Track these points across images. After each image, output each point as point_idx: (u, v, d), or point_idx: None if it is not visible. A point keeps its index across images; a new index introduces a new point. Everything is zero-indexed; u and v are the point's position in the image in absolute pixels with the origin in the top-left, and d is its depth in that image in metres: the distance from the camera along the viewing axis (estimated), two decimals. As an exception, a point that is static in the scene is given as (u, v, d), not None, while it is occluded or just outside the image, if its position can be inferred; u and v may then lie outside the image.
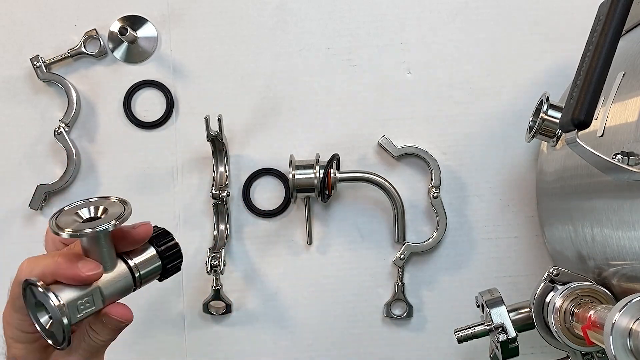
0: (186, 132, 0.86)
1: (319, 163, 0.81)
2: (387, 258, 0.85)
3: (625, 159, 0.52)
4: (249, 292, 0.85)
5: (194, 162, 0.86)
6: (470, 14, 0.86)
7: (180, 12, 0.86)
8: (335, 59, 0.86)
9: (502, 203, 0.85)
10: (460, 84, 0.85)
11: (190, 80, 0.86)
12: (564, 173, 0.69)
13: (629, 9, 0.53)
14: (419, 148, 0.84)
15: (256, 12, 0.86)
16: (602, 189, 0.60)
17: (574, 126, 0.52)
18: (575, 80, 0.54)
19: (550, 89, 0.73)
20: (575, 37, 0.75)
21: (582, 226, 0.64)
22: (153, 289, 0.85)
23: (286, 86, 0.86)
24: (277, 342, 0.85)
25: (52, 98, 0.85)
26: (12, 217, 0.85)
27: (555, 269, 0.66)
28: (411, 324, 0.85)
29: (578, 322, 0.60)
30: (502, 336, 0.67)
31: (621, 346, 0.48)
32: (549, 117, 0.69)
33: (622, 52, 0.58)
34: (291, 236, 0.86)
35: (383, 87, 0.85)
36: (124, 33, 0.83)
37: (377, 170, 0.84)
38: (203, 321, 0.85)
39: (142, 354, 0.85)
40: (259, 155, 0.86)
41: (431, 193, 0.83)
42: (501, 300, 0.69)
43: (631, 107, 0.57)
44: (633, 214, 0.55)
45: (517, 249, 0.84)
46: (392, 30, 0.86)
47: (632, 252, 0.56)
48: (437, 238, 0.83)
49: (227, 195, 0.83)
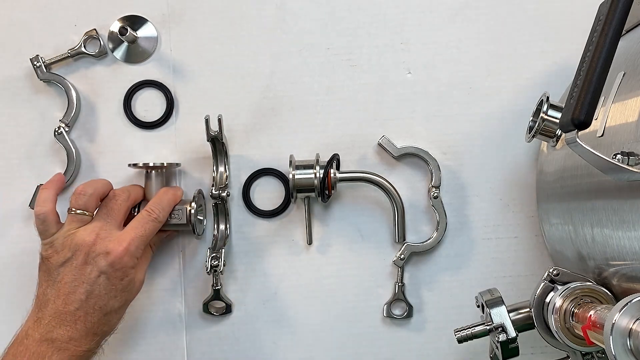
0: (186, 132, 0.86)
1: (319, 163, 0.81)
2: (387, 258, 0.85)
3: (625, 159, 0.52)
4: (249, 292, 0.85)
5: (194, 162, 0.86)
6: (470, 14, 0.86)
7: (180, 12, 0.86)
8: (335, 59, 0.86)
9: (502, 203, 0.85)
10: (460, 84, 0.85)
11: (190, 80, 0.86)
12: (564, 173, 0.69)
13: (629, 9, 0.53)
14: (419, 148, 0.84)
15: (256, 12, 0.86)
16: (602, 189, 0.60)
17: (574, 126, 0.52)
18: (575, 80, 0.54)
19: (550, 89, 0.73)
20: (575, 37, 0.75)
21: (582, 226, 0.65)
22: (153, 289, 0.85)
23: (286, 86, 0.86)
24: (277, 342, 0.85)
25: (52, 98, 0.85)
26: (12, 217, 0.85)
27: (555, 269, 0.66)
28: (411, 324, 0.85)
29: (578, 322, 0.60)
30: (502, 336, 0.67)
31: (621, 346, 0.48)
32: (549, 117, 0.69)
33: (622, 52, 0.58)
34: (291, 236, 0.86)
35: (383, 87, 0.85)
36: (124, 33, 0.83)
37: (377, 170, 0.84)
38: (203, 321, 0.85)
39: (142, 354, 0.85)
40: (259, 155, 0.86)
41: (431, 193, 0.83)
42: (501, 300, 0.69)
43: (631, 107, 0.57)
44: (633, 214, 0.55)
45: (517, 249, 0.84)
46: (392, 30, 0.86)
47: (632, 252, 0.57)
48: (437, 238, 0.83)
49: (227, 195, 0.83)
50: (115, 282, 0.72)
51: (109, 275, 0.72)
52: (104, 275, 0.72)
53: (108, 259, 0.72)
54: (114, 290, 0.72)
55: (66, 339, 0.70)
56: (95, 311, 0.71)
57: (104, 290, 0.72)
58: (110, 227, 0.74)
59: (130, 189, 0.79)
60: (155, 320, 0.85)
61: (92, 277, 0.71)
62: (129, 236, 0.73)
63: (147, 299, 0.85)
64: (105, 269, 0.72)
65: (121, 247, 0.72)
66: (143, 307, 0.85)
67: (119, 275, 0.72)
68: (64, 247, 0.73)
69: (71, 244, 0.72)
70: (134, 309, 0.85)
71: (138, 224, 0.75)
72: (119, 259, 0.72)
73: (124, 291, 0.73)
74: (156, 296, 0.85)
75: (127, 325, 0.85)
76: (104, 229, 0.74)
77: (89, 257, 0.72)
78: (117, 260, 0.72)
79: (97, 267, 0.72)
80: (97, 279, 0.72)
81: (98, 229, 0.74)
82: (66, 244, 0.73)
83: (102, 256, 0.72)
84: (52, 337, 0.70)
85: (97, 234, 0.73)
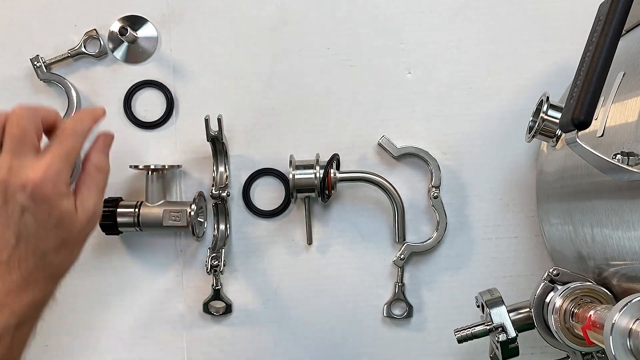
0: (186, 132, 0.86)
1: (319, 163, 0.81)
2: (387, 258, 0.85)
3: (625, 159, 0.52)
4: (249, 292, 0.85)
5: (194, 162, 0.86)
6: (470, 14, 0.86)
7: (180, 12, 0.86)
8: (335, 59, 0.86)
9: (502, 203, 0.85)
10: (460, 84, 0.85)
11: (190, 80, 0.86)
12: (564, 173, 0.69)
13: (629, 9, 0.53)
14: (419, 148, 0.84)
15: (256, 12, 0.86)
16: (602, 189, 0.60)
17: (574, 126, 0.52)
18: (575, 80, 0.54)
19: (550, 89, 0.73)
20: (575, 37, 0.75)
21: (582, 226, 0.65)
22: (153, 289, 0.85)
23: (286, 86, 0.86)
24: (277, 342, 0.85)
25: (52, 98, 0.85)
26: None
27: (555, 269, 0.66)
28: (411, 324, 0.85)
29: (578, 322, 0.60)
30: (502, 336, 0.67)
31: (621, 346, 0.48)
32: (549, 117, 0.69)
33: (622, 52, 0.58)
34: (291, 236, 0.86)
35: (383, 87, 0.85)
36: (124, 33, 0.83)
37: (377, 170, 0.84)
38: (203, 321, 0.85)
39: (142, 354, 0.85)
40: (259, 155, 0.86)
41: (431, 193, 0.83)
42: (501, 300, 0.69)
43: (631, 107, 0.57)
44: (633, 214, 0.55)
45: (517, 249, 0.84)
46: (392, 30, 0.86)
47: (632, 252, 0.57)
48: (437, 238, 0.83)
49: (227, 195, 0.83)
50: (42, 218, 0.60)
51: (32, 211, 0.59)
52: (27, 211, 0.59)
53: (26, 191, 0.59)
54: (43, 228, 0.60)
55: (3, 294, 0.59)
56: (29, 255, 0.60)
57: (33, 229, 0.60)
58: (22, 156, 0.60)
59: (34, 107, 0.63)
60: (155, 320, 0.85)
61: (15, 217, 0.60)
62: (46, 161, 0.60)
63: (147, 299, 0.85)
64: (27, 203, 0.59)
65: (38, 175, 0.59)
66: (143, 307, 0.85)
67: (44, 208, 0.60)
68: None
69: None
70: (135, 308, 0.85)
71: (54, 143, 0.62)
72: (39, 188, 0.59)
73: (58, 228, 0.61)
74: (156, 296, 0.85)
75: (127, 325, 0.85)
76: (16, 159, 0.60)
77: (7, 195, 0.59)
78: (37, 191, 0.59)
79: (17, 204, 0.59)
80: (21, 217, 0.59)
81: (9, 161, 0.60)
82: None
83: (19, 190, 0.59)
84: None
85: (8, 167, 0.60)
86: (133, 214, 0.80)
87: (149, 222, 0.81)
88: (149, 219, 0.81)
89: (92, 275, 0.84)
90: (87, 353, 0.85)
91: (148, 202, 0.81)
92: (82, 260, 0.75)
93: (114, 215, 0.80)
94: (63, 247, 0.62)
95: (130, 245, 0.85)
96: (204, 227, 0.85)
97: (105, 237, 0.83)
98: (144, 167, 0.82)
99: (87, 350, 0.85)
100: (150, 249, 0.85)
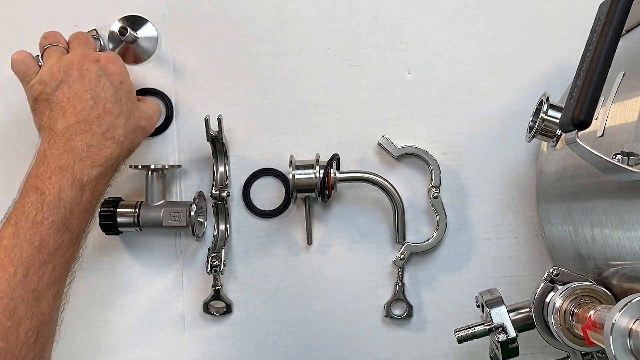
0: (186, 132, 0.86)
1: (319, 163, 0.81)
2: (387, 258, 0.85)
3: (625, 159, 0.52)
4: (249, 292, 0.85)
5: (194, 162, 0.86)
6: (470, 14, 0.86)
7: (180, 12, 0.86)
8: (335, 59, 0.86)
9: (502, 203, 0.85)
10: (460, 84, 0.85)
11: (190, 80, 0.86)
12: (564, 173, 0.69)
13: (629, 9, 0.53)
14: (419, 148, 0.84)
15: (256, 12, 0.86)
16: (602, 189, 0.60)
17: (574, 126, 0.52)
18: (575, 80, 0.54)
19: (550, 89, 0.73)
20: (575, 37, 0.75)
21: (582, 226, 0.65)
22: (153, 289, 0.85)
23: (286, 86, 0.86)
24: (277, 342, 0.85)
25: (52, 98, 0.85)
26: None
27: (555, 269, 0.66)
28: (411, 324, 0.85)
29: (578, 322, 0.60)
30: (502, 336, 0.67)
31: (621, 346, 0.48)
32: (549, 117, 0.69)
33: (622, 52, 0.58)
34: (291, 236, 0.86)
35: (383, 87, 0.85)
36: (124, 33, 0.83)
37: (377, 170, 0.84)
38: (203, 321, 0.85)
39: (142, 354, 0.85)
40: (259, 155, 0.86)
41: (431, 193, 0.83)
42: (501, 300, 0.69)
43: (631, 107, 0.57)
44: (633, 214, 0.55)
45: (517, 249, 0.84)
46: (392, 30, 0.86)
47: (632, 252, 0.57)
48: (437, 238, 0.83)
49: (227, 195, 0.83)
50: (116, 84, 0.73)
51: (108, 77, 0.73)
52: (103, 77, 0.73)
53: (99, 64, 0.73)
54: (116, 93, 0.73)
55: (85, 147, 0.70)
56: (107, 113, 0.72)
57: (109, 91, 0.72)
58: (89, 48, 0.77)
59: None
60: (155, 320, 0.85)
61: (92, 82, 0.72)
62: (103, 53, 0.77)
63: (147, 299, 0.85)
64: (102, 72, 0.73)
65: (106, 54, 0.75)
66: (143, 307, 0.85)
67: (117, 77, 0.74)
68: (52, 74, 0.72)
69: (60, 67, 0.72)
70: (135, 308, 0.85)
71: (84, 45, 0.77)
72: (111, 61, 0.74)
73: (127, 99, 0.74)
74: (156, 296, 0.85)
75: (127, 325, 0.85)
76: (85, 49, 0.75)
77: (83, 70, 0.72)
78: (109, 63, 0.73)
79: (94, 73, 0.72)
80: (97, 82, 0.72)
81: (80, 51, 0.75)
82: (54, 71, 0.72)
83: (94, 64, 0.73)
84: (70, 147, 0.70)
85: (81, 53, 0.74)
86: (133, 214, 0.80)
87: (149, 222, 0.81)
88: (149, 219, 0.81)
89: (92, 275, 0.85)
90: (87, 353, 0.85)
91: (148, 202, 0.81)
92: (82, 260, 0.75)
93: (114, 216, 0.80)
94: (130, 121, 0.74)
95: (130, 245, 0.85)
96: (204, 227, 0.85)
97: (105, 237, 0.83)
98: (144, 167, 0.82)
99: (87, 350, 0.85)
100: (150, 249, 0.85)
